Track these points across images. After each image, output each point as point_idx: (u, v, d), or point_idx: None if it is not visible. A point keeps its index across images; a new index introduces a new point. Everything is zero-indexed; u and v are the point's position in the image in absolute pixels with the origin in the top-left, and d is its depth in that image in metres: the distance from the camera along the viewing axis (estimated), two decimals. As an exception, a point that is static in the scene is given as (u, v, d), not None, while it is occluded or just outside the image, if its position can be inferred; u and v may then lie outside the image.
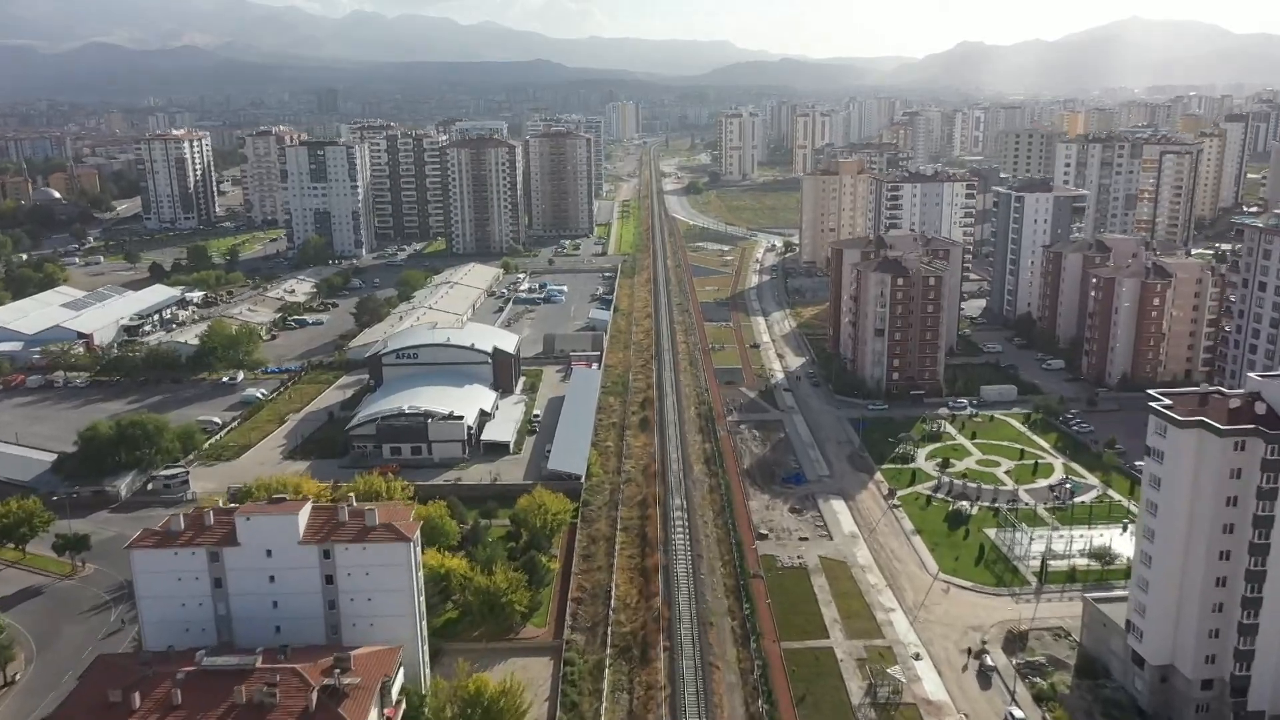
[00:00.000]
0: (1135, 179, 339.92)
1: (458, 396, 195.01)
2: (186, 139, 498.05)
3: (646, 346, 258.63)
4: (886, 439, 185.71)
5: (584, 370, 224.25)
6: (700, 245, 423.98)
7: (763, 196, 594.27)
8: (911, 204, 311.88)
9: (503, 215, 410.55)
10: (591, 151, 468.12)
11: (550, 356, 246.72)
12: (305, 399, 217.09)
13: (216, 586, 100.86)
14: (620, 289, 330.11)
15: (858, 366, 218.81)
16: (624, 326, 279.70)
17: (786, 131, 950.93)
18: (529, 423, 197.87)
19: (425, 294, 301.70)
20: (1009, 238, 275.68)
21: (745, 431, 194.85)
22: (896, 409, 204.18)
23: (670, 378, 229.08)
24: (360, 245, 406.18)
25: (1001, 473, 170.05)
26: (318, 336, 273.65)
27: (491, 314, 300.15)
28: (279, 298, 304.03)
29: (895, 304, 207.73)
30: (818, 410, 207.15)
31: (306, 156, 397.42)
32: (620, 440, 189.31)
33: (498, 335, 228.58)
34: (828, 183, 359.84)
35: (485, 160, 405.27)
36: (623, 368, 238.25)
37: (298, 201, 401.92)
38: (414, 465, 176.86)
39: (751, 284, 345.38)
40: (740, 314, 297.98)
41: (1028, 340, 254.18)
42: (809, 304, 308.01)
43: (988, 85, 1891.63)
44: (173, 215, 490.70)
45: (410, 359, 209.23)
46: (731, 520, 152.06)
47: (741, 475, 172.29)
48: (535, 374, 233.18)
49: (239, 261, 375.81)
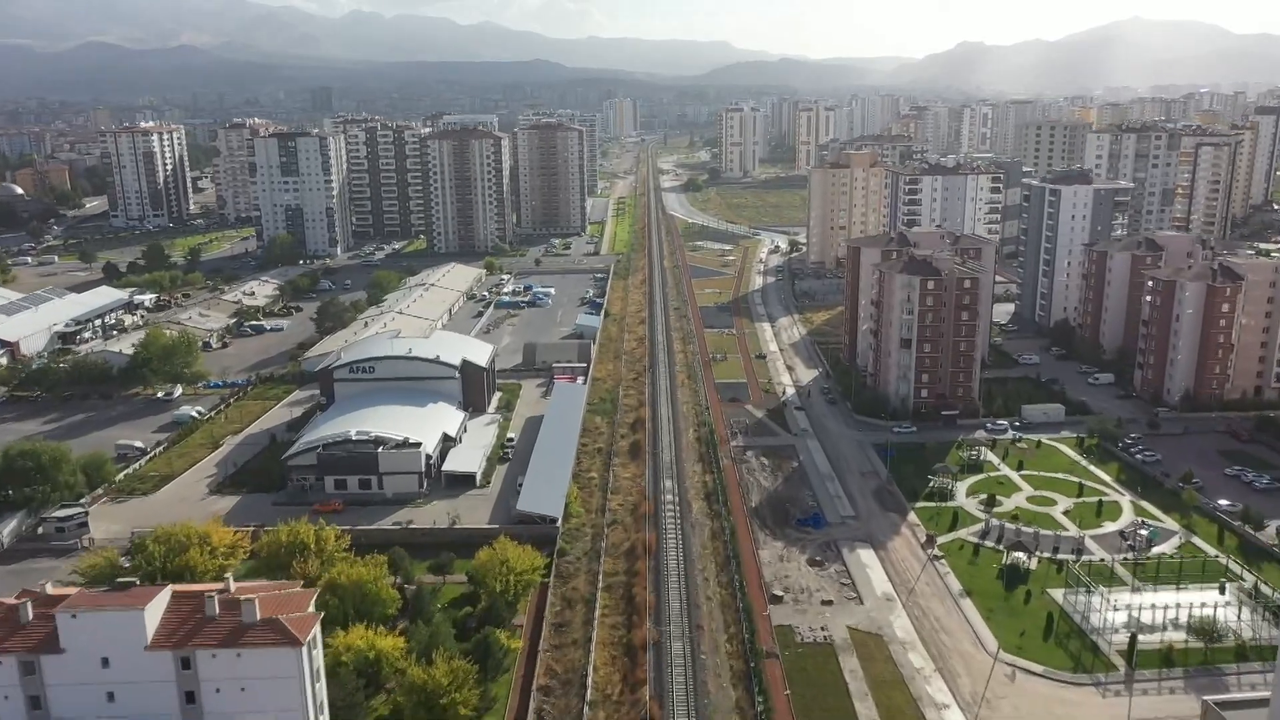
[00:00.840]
0: (1173, 172, 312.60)
1: (418, 418, 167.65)
2: (156, 132, 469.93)
3: (640, 357, 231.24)
4: (918, 469, 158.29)
5: (567, 386, 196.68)
6: (699, 244, 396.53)
7: (765, 194, 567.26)
8: (931, 199, 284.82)
9: (487, 212, 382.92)
10: (584, 145, 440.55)
11: (531, 368, 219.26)
12: (248, 418, 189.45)
13: (33, 709, 73.22)
14: (612, 291, 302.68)
15: (880, 382, 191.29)
16: (615, 334, 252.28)
17: (788, 128, 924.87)
18: (501, 448, 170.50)
19: (397, 297, 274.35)
20: (1042, 235, 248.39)
21: (752, 460, 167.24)
22: (927, 432, 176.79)
23: (666, 394, 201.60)
24: (335, 244, 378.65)
25: (1059, 513, 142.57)
26: (275, 344, 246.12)
27: (470, 319, 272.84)
28: (235, 301, 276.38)
29: (925, 310, 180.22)
30: (836, 434, 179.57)
31: (276, 148, 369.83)
32: (606, 470, 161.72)
33: (469, 346, 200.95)
34: (837, 176, 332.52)
35: (469, 153, 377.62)
36: (612, 381, 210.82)
37: (268, 197, 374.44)
38: (362, 501, 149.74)
39: (755, 286, 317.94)
40: (744, 320, 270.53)
41: (1067, 350, 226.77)
42: (819, 308, 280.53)
43: (988, 85, 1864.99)
44: (141, 213, 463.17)
45: (366, 374, 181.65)
46: (738, 576, 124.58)
47: (749, 516, 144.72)
48: (513, 389, 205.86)
49: (200, 262, 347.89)
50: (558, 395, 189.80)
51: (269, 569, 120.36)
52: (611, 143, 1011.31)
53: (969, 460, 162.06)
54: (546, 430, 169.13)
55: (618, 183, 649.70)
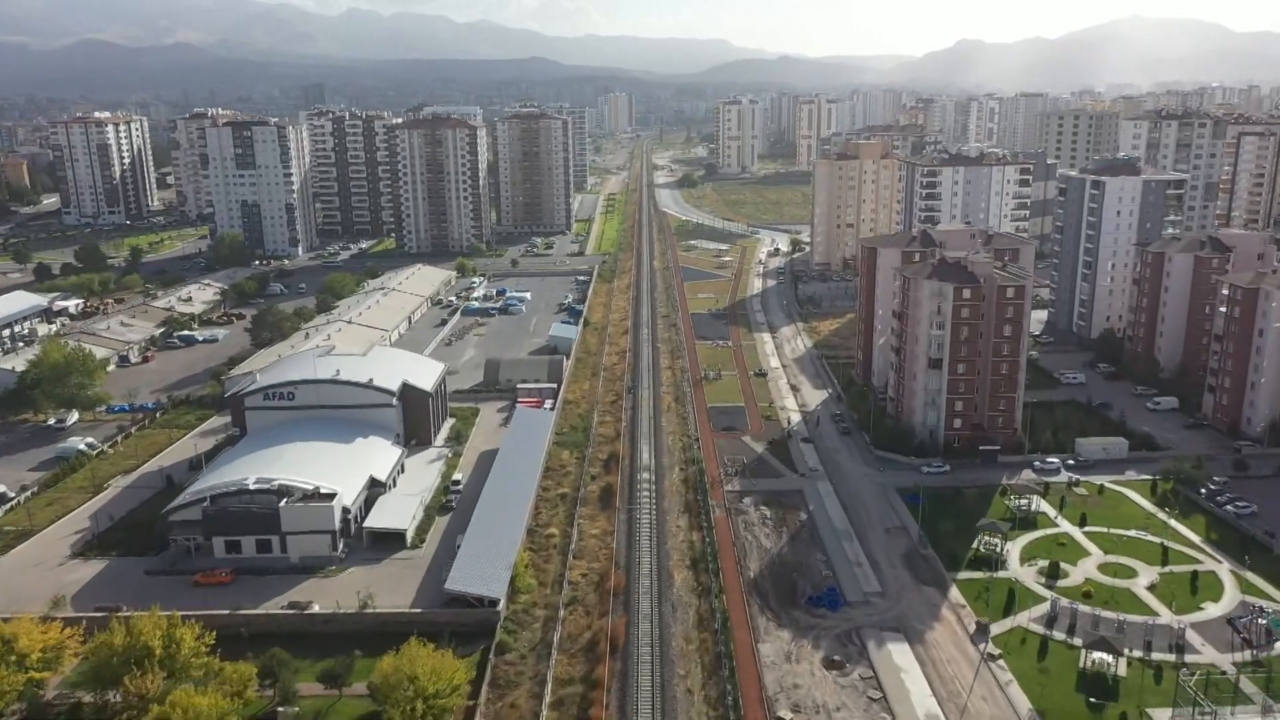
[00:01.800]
0: (1217, 164, 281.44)
1: (341, 458, 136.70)
2: (111, 123, 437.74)
3: (621, 374, 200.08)
4: (957, 524, 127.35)
5: (530, 413, 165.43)
6: (693, 244, 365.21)
7: (764, 190, 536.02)
8: (952, 192, 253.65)
9: (462, 208, 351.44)
10: (569, 136, 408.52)
11: (493, 389, 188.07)
12: (147, 453, 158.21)
13: None
14: (595, 297, 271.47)
15: (903, 409, 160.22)
16: (594, 346, 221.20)
17: (788, 124, 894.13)
18: (445, 493, 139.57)
19: (351, 303, 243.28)
20: (1082, 233, 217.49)
21: (751, 510, 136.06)
22: (962, 472, 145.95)
23: (648, 421, 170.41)
24: (296, 243, 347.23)
25: (1143, 589, 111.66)
26: (205, 358, 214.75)
27: (432, 328, 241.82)
28: (167, 308, 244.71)
29: (959, 324, 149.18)
30: (852, 474, 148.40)
31: (231, 138, 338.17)
32: (570, 524, 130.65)
33: (415, 365, 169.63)
34: (845, 169, 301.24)
35: (441, 144, 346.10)
36: (587, 405, 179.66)
37: (222, 192, 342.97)
38: (259, 569, 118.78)
39: (754, 290, 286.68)
40: (741, 329, 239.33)
41: (1115, 366, 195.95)
42: (826, 315, 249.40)
43: (987, 83, 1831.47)
44: (96, 209, 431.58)
45: (284, 401, 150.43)
46: (732, 688, 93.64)
47: (746, 591, 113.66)
48: (469, 415, 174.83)
49: (143, 263, 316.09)
50: (517, 425, 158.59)
51: (97, 681, 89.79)
52: (606, 139, 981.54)
53: (1018, 512, 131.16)
54: (498, 474, 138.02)
55: (610, 179, 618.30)
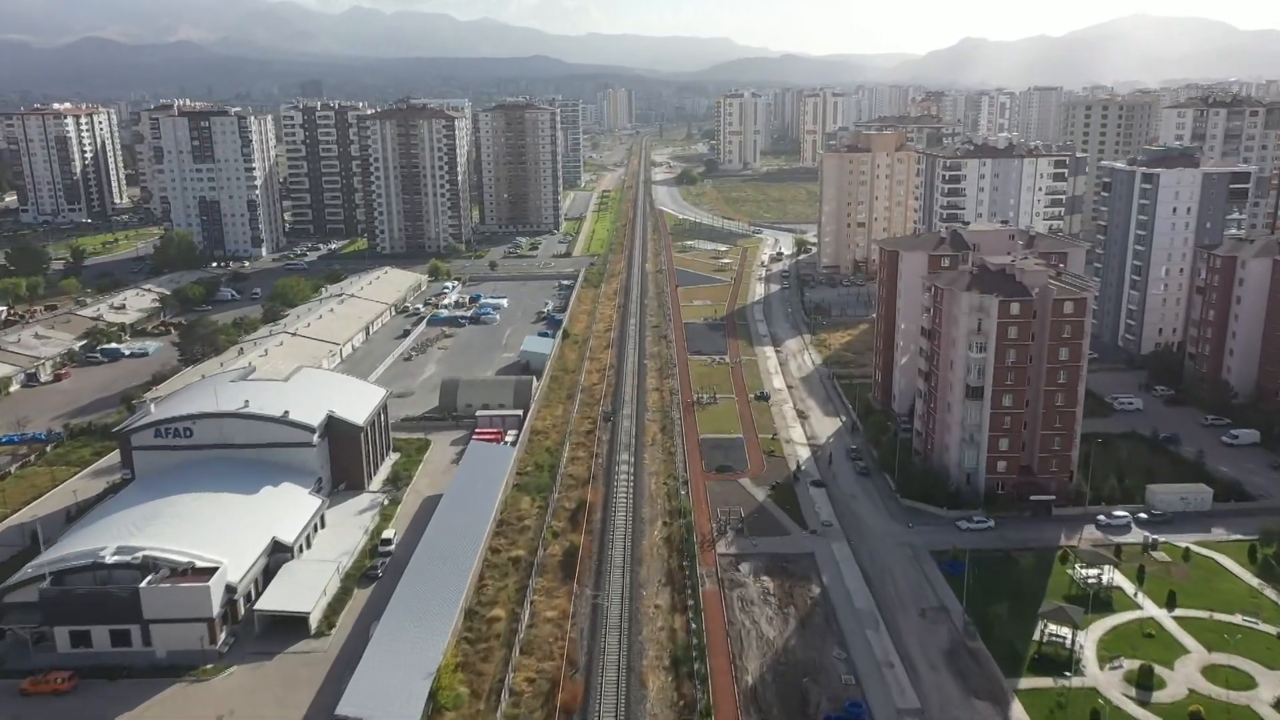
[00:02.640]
0: (1269, 156, 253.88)
1: (239, 514, 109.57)
2: (71, 115, 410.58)
3: (601, 397, 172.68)
4: (1012, 602, 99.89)
5: (486, 450, 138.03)
6: (690, 244, 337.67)
7: (766, 187, 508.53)
8: (978, 187, 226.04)
9: (439, 205, 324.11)
10: (558, 128, 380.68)
11: (450, 415, 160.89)
12: (22, 498, 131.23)
13: None
14: (578, 304, 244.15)
15: (934, 446, 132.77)
16: (573, 362, 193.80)
17: (791, 120, 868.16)
18: (372, 556, 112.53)
19: (303, 312, 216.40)
20: (1130, 234, 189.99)
21: (749, 581, 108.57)
22: (1010, 528, 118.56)
23: (627, 459, 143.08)
24: (259, 243, 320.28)
25: (1266, 706, 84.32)
26: (130, 376, 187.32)
27: (392, 340, 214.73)
28: (95, 317, 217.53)
29: (1005, 346, 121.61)
30: (874, 530, 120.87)
31: (187, 130, 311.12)
32: (521, 602, 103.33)
33: (348, 393, 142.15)
34: (856, 162, 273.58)
35: (416, 135, 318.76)
36: (557, 436, 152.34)
37: (177, 187, 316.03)
38: (110, 670, 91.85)
39: (755, 296, 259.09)
40: (741, 342, 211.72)
41: (1174, 389, 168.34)
42: (836, 326, 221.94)
43: (991, 81, 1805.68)
44: (55, 207, 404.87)
45: (180, 438, 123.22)
46: None
47: (743, 707, 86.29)
48: (418, 448, 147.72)
49: (85, 266, 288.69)
50: (468, 467, 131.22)
51: None
52: (605, 135, 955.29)
53: (1086, 586, 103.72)
54: (436, 533, 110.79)
55: (605, 175, 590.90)
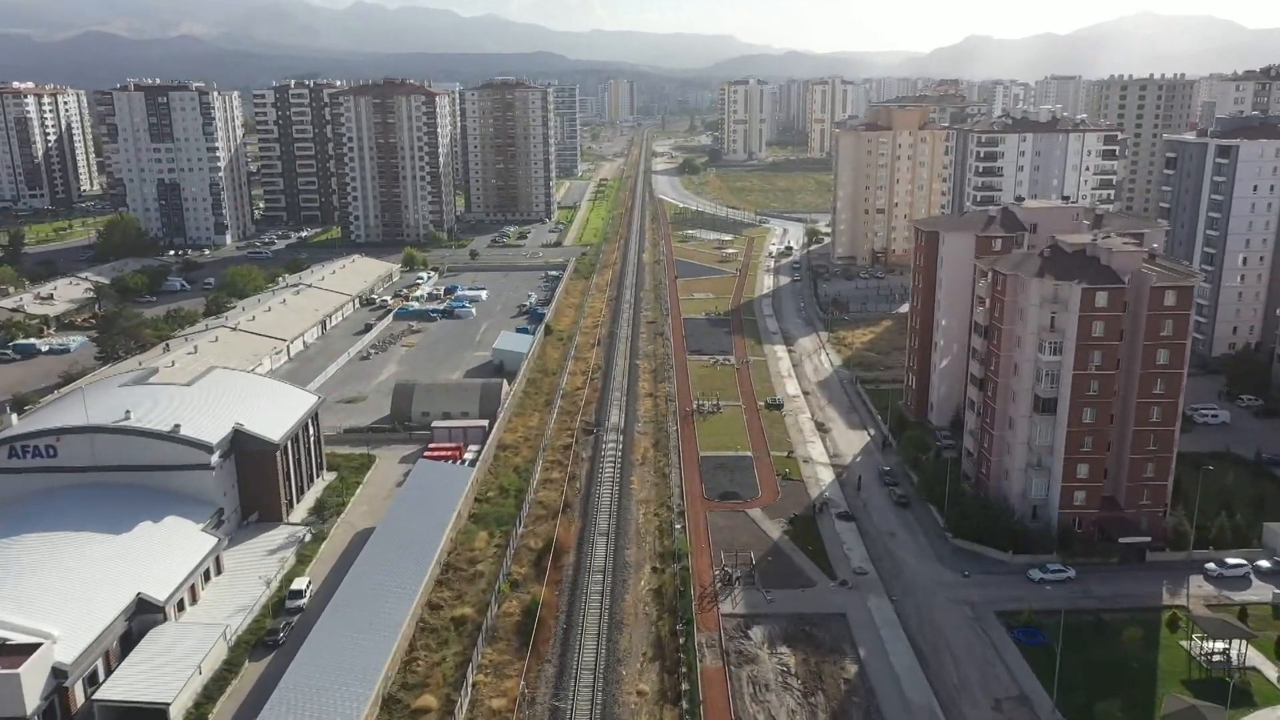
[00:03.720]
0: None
1: (98, 561, 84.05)
2: (34, 95, 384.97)
3: (583, 405, 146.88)
4: (1115, 692, 74.18)
5: (436, 470, 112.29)
6: (692, 234, 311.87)
7: (773, 177, 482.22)
8: (1017, 166, 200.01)
9: (419, 191, 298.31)
10: (549, 110, 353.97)
11: (402, 425, 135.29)
12: None
13: None
14: (566, 296, 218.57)
15: (989, 471, 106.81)
16: (554, 362, 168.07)
17: (796, 111, 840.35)
18: (275, 614, 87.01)
19: (251, 304, 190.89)
20: (1201, 217, 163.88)
21: (764, 655, 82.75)
22: (1096, 579, 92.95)
23: (611, 484, 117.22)
24: (224, 230, 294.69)
25: None
26: (41, 376, 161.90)
27: (351, 335, 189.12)
28: (15, 308, 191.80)
29: (1088, 346, 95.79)
30: (921, 581, 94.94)
31: (144, 106, 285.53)
32: (459, 684, 77.56)
33: (268, 401, 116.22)
34: (875, 142, 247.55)
35: (394, 114, 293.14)
36: (529, 452, 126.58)
37: (133, 169, 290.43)
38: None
39: (763, 289, 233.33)
40: (748, 340, 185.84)
41: (1261, 396, 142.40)
42: (855, 323, 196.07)
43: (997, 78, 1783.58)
44: (15, 192, 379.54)
45: (42, 458, 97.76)
46: None
47: None
48: (359, 465, 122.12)
49: (24, 253, 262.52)
50: (412, 492, 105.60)
51: None
52: (605, 127, 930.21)
53: (1209, 665, 78.12)
54: (353, 588, 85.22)
55: (604, 165, 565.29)
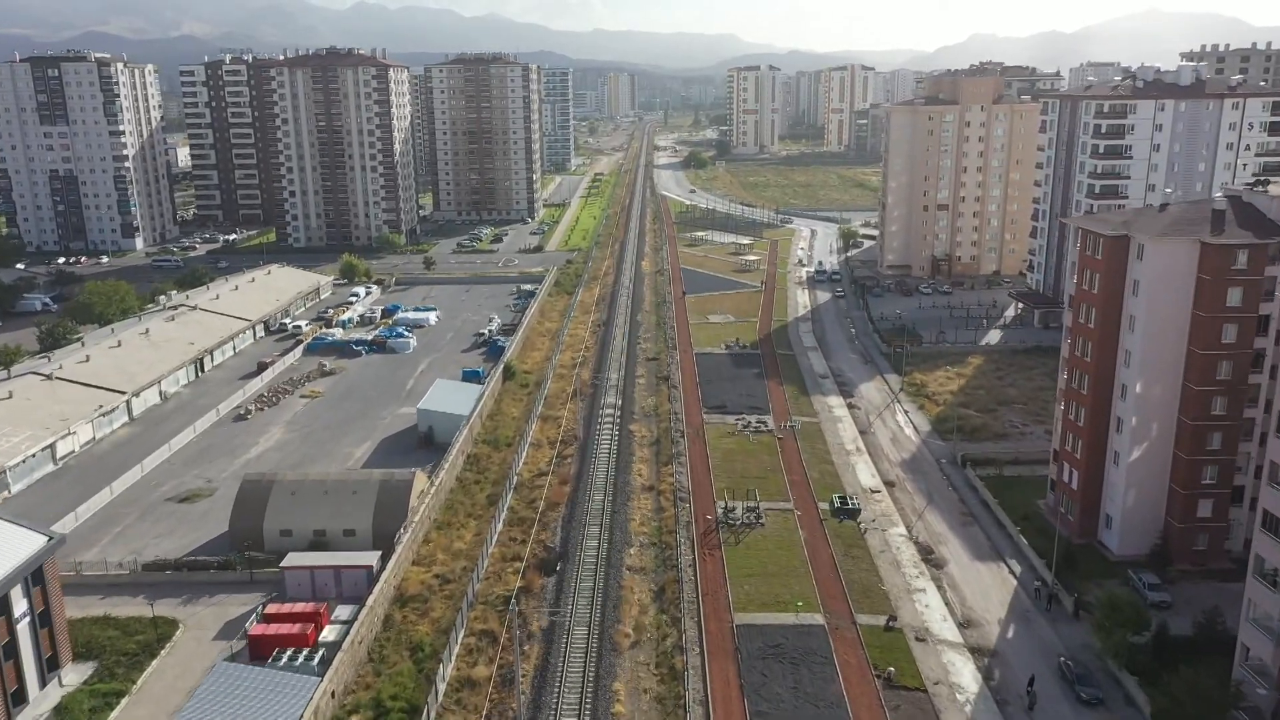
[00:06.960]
0: None
1: None
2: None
3: (543, 510, 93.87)
4: None
5: (243, 686, 59.46)
6: (701, 236, 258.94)
7: (789, 172, 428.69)
8: (1152, 144, 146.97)
9: (369, 184, 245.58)
10: (533, 89, 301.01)
11: (243, 551, 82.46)
12: None
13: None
14: (537, 322, 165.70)
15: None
16: (511, 424, 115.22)
17: (807, 105, 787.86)
18: None
19: (101, 335, 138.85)
20: None
21: None
22: None
23: (578, 688, 64.32)
24: (134, 232, 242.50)
25: None
26: None
27: (235, 382, 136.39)
28: None
29: None
30: None
31: (30, 80, 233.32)
32: None
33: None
34: (939, 120, 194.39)
35: (338, 89, 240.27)
36: (444, 612, 73.68)
37: (20, 158, 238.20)
38: None
39: (799, 309, 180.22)
40: (788, 387, 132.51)
41: None
42: (933, 359, 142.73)
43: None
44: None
45: None
46: None
47: None
48: (143, 644, 69.21)
49: None
50: None
51: None
52: (604, 121, 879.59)
53: None
54: None
55: (601, 159, 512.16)
